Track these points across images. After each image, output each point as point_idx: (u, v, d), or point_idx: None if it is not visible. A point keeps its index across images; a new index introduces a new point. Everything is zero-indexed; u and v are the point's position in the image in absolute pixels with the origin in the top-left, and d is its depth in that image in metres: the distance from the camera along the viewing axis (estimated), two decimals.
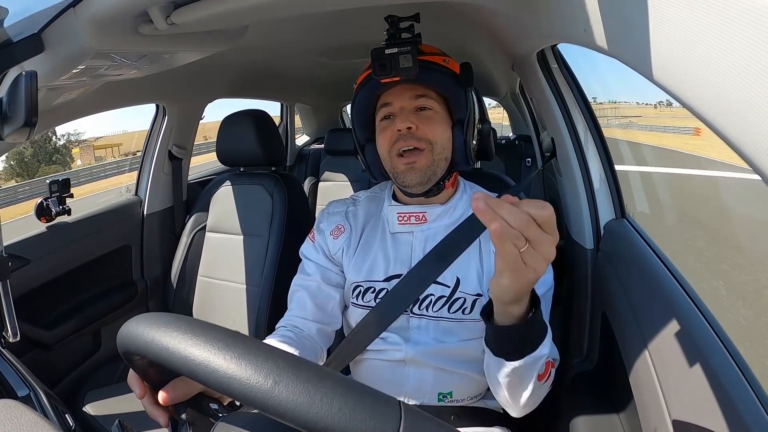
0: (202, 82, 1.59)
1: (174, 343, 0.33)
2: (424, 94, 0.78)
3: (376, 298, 0.80)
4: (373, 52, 0.72)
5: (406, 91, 0.78)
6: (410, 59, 0.71)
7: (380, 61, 0.72)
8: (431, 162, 0.76)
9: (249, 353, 0.32)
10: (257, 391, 0.30)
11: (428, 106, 0.78)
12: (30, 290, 1.23)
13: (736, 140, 0.25)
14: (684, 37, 0.29)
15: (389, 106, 0.79)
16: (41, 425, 0.44)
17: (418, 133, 0.76)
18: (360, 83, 0.81)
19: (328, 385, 0.30)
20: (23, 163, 29.36)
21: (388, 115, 0.79)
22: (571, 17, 0.50)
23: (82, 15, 0.68)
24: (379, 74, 0.72)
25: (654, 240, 0.84)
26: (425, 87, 0.78)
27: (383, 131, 0.79)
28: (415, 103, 0.78)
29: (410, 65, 0.71)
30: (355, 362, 0.84)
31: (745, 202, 3.88)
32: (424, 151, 0.76)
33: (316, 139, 3.06)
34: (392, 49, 0.71)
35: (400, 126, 0.75)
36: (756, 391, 0.47)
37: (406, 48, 0.71)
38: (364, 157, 0.85)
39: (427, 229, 0.81)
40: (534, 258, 0.44)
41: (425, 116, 0.78)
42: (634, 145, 10.39)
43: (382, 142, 0.79)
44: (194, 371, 0.32)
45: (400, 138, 0.76)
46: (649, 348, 0.64)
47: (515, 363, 0.58)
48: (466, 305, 0.77)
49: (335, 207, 0.91)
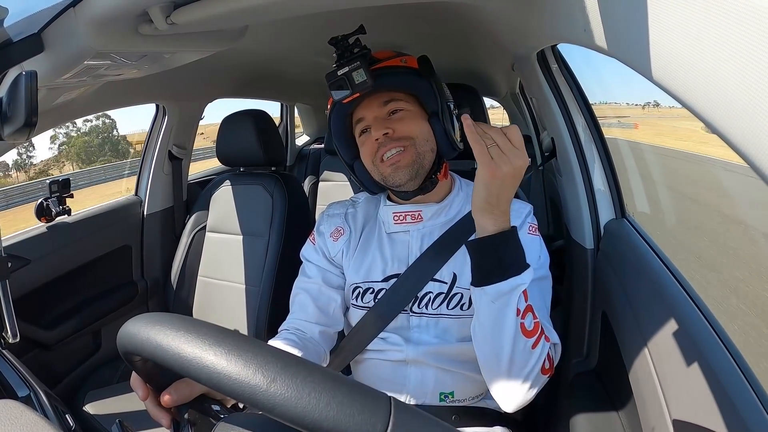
0: (202, 82, 1.59)
1: (167, 342, 0.33)
2: (391, 99, 0.79)
3: (375, 298, 0.80)
4: (326, 77, 0.73)
5: (374, 101, 0.79)
6: (363, 73, 0.71)
7: (336, 83, 0.72)
8: (416, 155, 0.77)
9: (239, 349, 0.32)
10: (245, 386, 0.30)
11: (399, 108, 0.79)
12: (30, 290, 1.23)
13: (735, 140, 0.25)
14: (684, 36, 0.29)
15: (363, 121, 0.80)
16: (41, 425, 0.44)
17: (396, 135, 0.76)
18: (330, 108, 0.82)
19: (317, 379, 0.30)
20: (89, 151, 29.51)
21: (364, 129, 0.80)
22: (571, 17, 0.50)
23: (82, 15, 0.68)
24: (339, 96, 0.73)
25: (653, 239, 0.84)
26: (390, 92, 0.79)
27: (364, 145, 0.80)
28: (385, 109, 0.79)
29: (364, 79, 0.71)
30: (356, 362, 0.84)
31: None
32: (407, 147, 0.76)
33: (316, 139, 3.06)
34: (343, 69, 0.72)
35: (376, 135, 0.76)
36: (756, 391, 0.47)
37: (355, 64, 0.71)
38: (355, 175, 0.86)
39: (423, 227, 0.81)
40: (500, 157, 0.57)
41: (398, 118, 0.78)
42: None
43: (366, 154, 0.81)
44: (186, 367, 0.32)
45: (380, 145, 0.77)
46: (649, 348, 0.64)
47: (496, 286, 0.59)
48: (464, 300, 0.77)
49: (335, 209, 0.92)
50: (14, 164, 26.41)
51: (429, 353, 0.77)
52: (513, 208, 0.81)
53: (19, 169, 27.20)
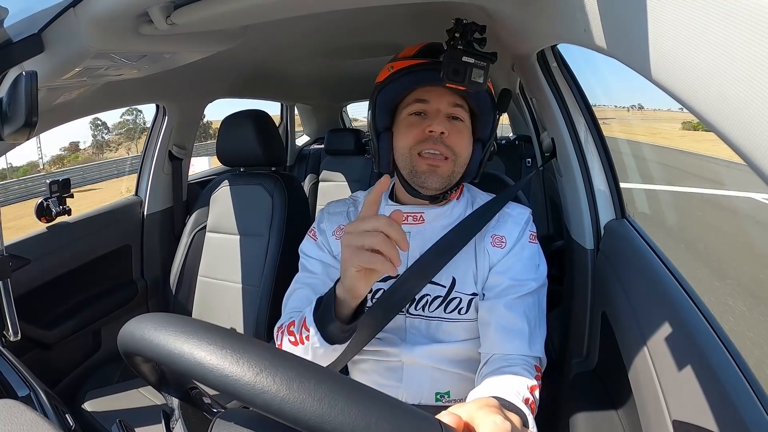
0: (202, 83, 1.59)
1: (177, 344, 0.33)
2: (460, 105, 0.77)
3: (373, 298, 0.80)
4: (448, 53, 0.70)
5: (447, 95, 0.76)
6: (483, 75, 0.69)
7: (455, 65, 0.69)
8: (452, 172, 0.76)
9: (280, 367, 0.30)
10: (290, 404, 0.28)
11: (461, 117, 0.77)
12: (30, 290, 1.23)
13: (735, 140, 0.25)
14: (684, 37, 0.29)
15: (424, 103, 0.76)
16: (41, 425, 0.44)
17: (449, 141, 0.74)
18: (401, 69, 0.76)
19: (374, 403, 0.29)
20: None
21: (419, 111, 0.77)
22: (571, 17, 0.50)
23: (82, 15, 0.68)
24: (451, 78, 0.69)
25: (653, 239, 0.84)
26: (463, 98, 0.77)
27: (411, 126, 0.76)
28: (451, 110, 0.76)
29: (481, 81, 0.69)
30: (353, 362, 0.84)
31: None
32: (448, 159, 0.75)
33: (316, 139, 3.06)
34: (469, 59, 0.69)
35: (435, 128, 0.73)
36: (756, 391, 0.47)
37: (483, 63, 0.69)
38: (377, 143, 0.81)
39: (424, 229, 0.81)
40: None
41: (457, 127, 0.77)
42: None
43: (407, 136, 0.76)
44: (206, 377, 0.31)
45: (430, 140, 0.74)
46: (649, 348, 0.64)
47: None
48: (462, 305, 0.77)
49: (335, 207, 0.91)
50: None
51: (424, 353, 0.77)
52: (512, 213, 0.81)
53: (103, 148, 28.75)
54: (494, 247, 0.78)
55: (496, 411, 0.38)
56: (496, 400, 0.42)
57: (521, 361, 0.69)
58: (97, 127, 36.76)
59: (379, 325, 0.78)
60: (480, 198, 0.85)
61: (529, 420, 0.55)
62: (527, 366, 0.69)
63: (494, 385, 0.62)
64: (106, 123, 33.06)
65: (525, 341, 0.71)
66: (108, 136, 39.23)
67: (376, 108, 0.80)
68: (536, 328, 0.73)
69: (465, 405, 0.39)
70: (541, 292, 0.77)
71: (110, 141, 37.87)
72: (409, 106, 0.78)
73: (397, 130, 0.79)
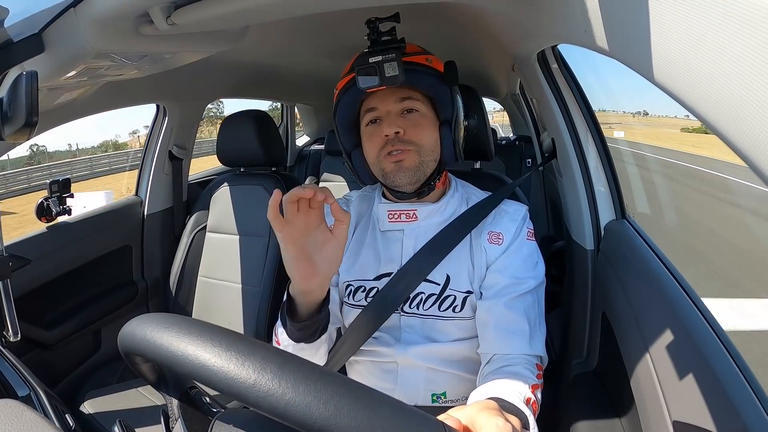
0: (203, 83, 1.59)
1: (182, 346, 0.32)
2: (409, 96, 0.76)
3: (367, 297, 0.80)
4: (357, 60, 0.70)
5: (391, 94, 0.76)
6: (396, 67, 0.68)
7: (365, 69, 0.69)
8: (419, 162, 0.75)
9: (295, 372, 0.30)
10: (296, 408, 0.28)
11: (414, 108, 0.77)
12: (30, 290, 1.23)
13: (737, 142, 0.25)
14: (685, 38, 0.29)
15: (374, 111, 0.77)
16: (41, 425, 0.44)
17: (406, 137, 0.75)
18: (341, 89, 0.78)
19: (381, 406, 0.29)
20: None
21: (374, 119, 0.78)
22: (571, 18, 0.50)
23: (82, 15, 0.68)
24: (365, 84, 0.70)
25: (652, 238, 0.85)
26: (410, 88, 0.76)
27: (371, 137, 0.78)
28: (401, 106, 0.76)
29: (396, 73, 0.68)
30: (349, 363, 0.84)
31: None
32: (411, 151, 0.75)
33: (316, 139, 3.06)
34: (376, 57, 0.68)
35: (387, 131, 0.74)
36: (756, 392, 0.47)
37: (390, 55, 0.68)
38: (351, 162, 0.84)
39: (418, 227, 0.80)
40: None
41: (412, 120, 0.76)
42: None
43: (370, 147, 0.78)
44: (210, 379, 0.31)
45: (388, 143, 0.75)
46: (650, 349, 0.64)
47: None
48: (456, 303, 0.76)
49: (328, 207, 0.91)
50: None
51: (418, 353, 0.76)
52: (508, 210, 0.81)
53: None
54: (491, 244, 0.78)
55: (496, 414, 0.38)
56: (495, 402, 0.42)
57: (523, 360, 0.69)
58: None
59: (375, 325, 0.78)
60: (475, 196, 0.85)
61: (529, 420, 0.55)
62: (529, 365, 0.69)
63: (496, 386, 0.62)
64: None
65: (526, 340, 0.71)
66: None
67: (338, 131, 0.83)
68: (536, 326, 0.73)
69: (465, 408, 0.39)
70: (540, 290, 0.76)
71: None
72: (364, 118, 0.79)
73: (363, 144, 0.80)
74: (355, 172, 0.84)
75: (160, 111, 1.64)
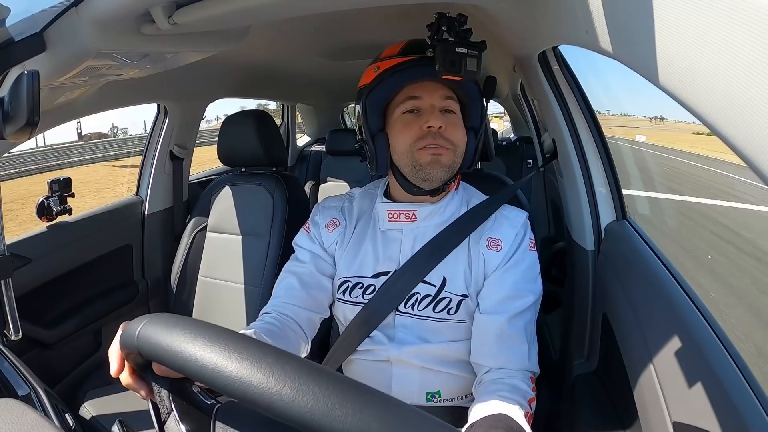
0: (204, 82, 1.59)
1: (196, 350, 0.33)
2: (451, 97, 0.78)
3: (364, 294, 0.80)
4: (442, 46, 0.69)
5: (438, 89, 0.76)
6: (476, 64, 0.70)
7: (450, 57, 0.68)
8: (452, 161, 0.77)
9: (282, 369, 0.32)
10: (316, 414, 0.30)
11: (453, 110, 0.78)
12: (31, 289, 1.23)
13: (739, 144, 0.25)
14: (687, 39, 0.29)
15: (417, 100, 0.76)
16: (41, 424, 0.45)
17: (446, 134, 0.75)
18: (388, 69, 0.76)
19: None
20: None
21: (413, 108, 0.77)
22: (573, 19, 0.50)
23: (84, 14, 0.68)
24: (447, 70, 0.69)
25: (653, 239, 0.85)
26: (452, 90, 0.78)
27: (408, 125, 0.76)
28: (443, 104, 0.77)
29: (475, 69, 0.70)
30: (345, 363, 0.84)
31: None
32: (449, 149, 0.76)
33: (317, 139, 3.06)
34: (462, 49, 0.69)
35: (433, 123, 0.74)
36: (756, 393, 0.47)
37: (475, 51, 0.70)
38: (374, 146, 0.79)
39: (417, 227, 0.80)
40: None
41: (451, 120, 0.77)
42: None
43: (404, 136, 0.76)
44: (209, 379, 0.32)
45: (429, 135, 0.74)
46: (650, 350, 0.64)
47: None
48: (452, 305, 0.76)
49: (331, 202, 0.91)
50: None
51: (412, 353, 0.77)
52: (508, 216, 0.81)
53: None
54: (490, 250, 0.78)
55: None
56: (500, 424, 0.42)
57: (520, 375, 0.71)
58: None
59: (372, 324, 0.78)
60: (475, 198, 0.85)
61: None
62: (525, 379, 0.71)
63: (496, 402, 0.64)
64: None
65: (525, 357, 0.73)
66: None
67: (367, 111, 0.79)
68: (532, 342, 0.75)
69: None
70: (537, 305, 0.78)
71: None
72: (401, 105, 0.77)
73: (392, 131, 0.78)
74: (374, 156, 0.80)
75: (161, 111, 1.64)
